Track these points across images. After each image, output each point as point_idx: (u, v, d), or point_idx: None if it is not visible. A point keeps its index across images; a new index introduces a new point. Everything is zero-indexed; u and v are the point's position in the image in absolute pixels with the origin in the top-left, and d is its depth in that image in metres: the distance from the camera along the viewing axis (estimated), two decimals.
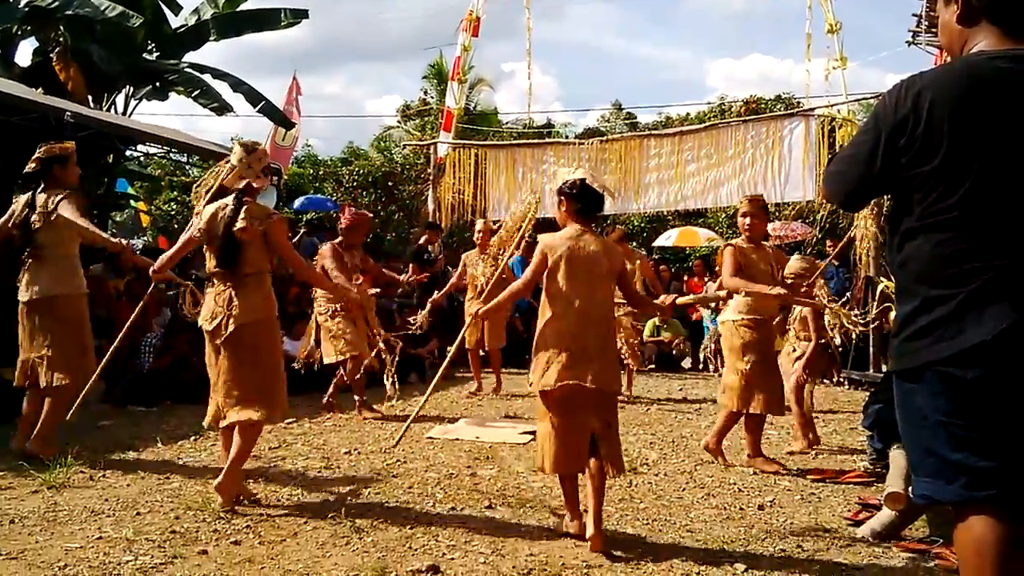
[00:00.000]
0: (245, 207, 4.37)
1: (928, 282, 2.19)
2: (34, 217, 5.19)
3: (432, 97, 24.42)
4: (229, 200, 4.44)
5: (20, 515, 4.08)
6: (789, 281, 5.76)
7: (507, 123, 24.07)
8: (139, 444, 5.86)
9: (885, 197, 2.56)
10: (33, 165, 5.25)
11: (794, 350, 6.52)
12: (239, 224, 4.30)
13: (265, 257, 4.43)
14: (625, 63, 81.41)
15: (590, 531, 3.75)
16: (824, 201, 10.35)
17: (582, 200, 3.95)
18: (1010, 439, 2.08)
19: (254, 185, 4.48)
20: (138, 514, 4.15)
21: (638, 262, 8.71)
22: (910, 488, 3.97)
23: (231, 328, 4.27)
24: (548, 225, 4.31)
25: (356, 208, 8.62)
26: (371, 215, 8.27)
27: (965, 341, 2.10)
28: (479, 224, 9.33)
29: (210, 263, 4.45)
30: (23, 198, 5.31)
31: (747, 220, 5.53)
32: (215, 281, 4.42)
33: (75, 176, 5.43)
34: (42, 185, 5.25)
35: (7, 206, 5.40)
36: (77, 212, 5.18)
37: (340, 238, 7.41)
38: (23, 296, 5.23)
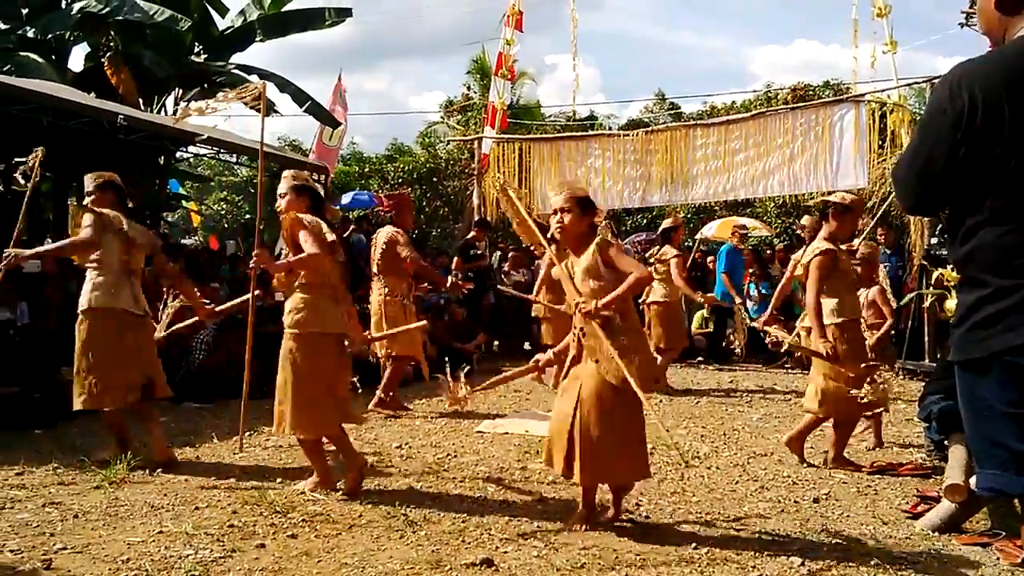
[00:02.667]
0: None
1: (993, 272, 2.14)
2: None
3: (475, 92, 24.46)
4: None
5: (83, 510, 4.18)
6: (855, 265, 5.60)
7: (550, 116, 24.02)
8: (195, 440, 5.96)
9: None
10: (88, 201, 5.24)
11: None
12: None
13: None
14: (666, 52, 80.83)
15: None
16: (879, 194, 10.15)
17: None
18: None
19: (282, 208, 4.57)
20: (196, 509, 4.23)
21: (673, 261, 8.55)
22: (971, 480, 3.91)
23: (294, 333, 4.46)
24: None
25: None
26: (408, 194, 8.22)
27: None
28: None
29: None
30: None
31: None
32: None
33: (107, 201, 5.27)
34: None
35: (63, 206, 5.48)
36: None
37: (394, 225, 7.33)
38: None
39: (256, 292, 5.07)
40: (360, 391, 5.09)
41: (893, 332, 9.02)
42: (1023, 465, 2.10)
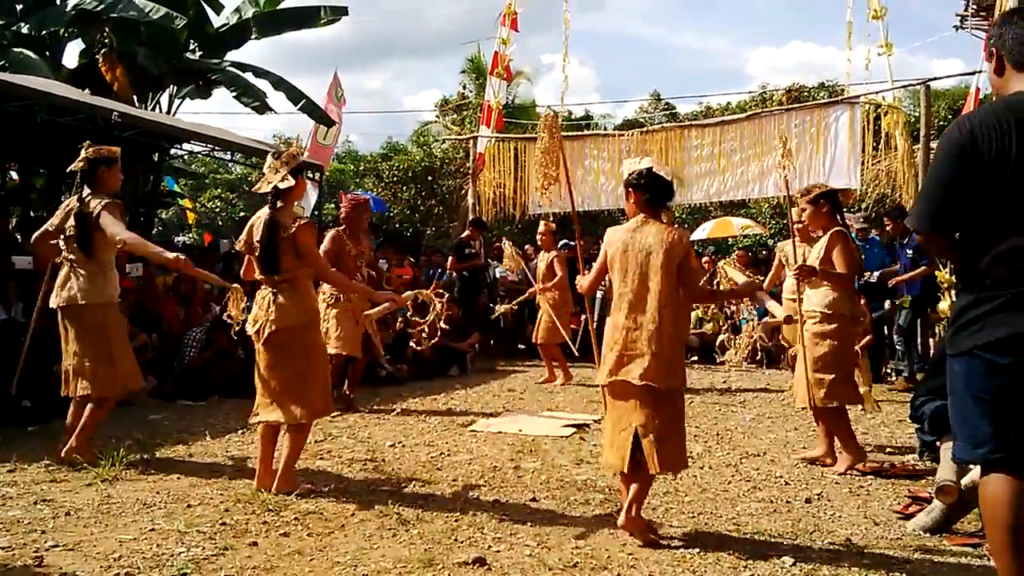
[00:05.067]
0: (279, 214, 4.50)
1: (980, 283, 2.67)
2: (70, 223, 5.09)
3: (471, 92, 24.46)
4: (264, 211, 4.55)
5: (75, 507, 4.17)
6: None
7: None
8: (188, 438, 5.95)
9: None
10: (80, 164, 5.21)
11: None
12: (283, 232, 4.43)
13: (297, 263, 4.50)
14: (663, 53, 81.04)
15: (622, 517, 3.75)
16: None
17: (650, 190, 3.90)
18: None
19: (280, 187, 4.50)
20: (189, 506, 4.22)
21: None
22: (963, 481, 3.93)
23: (266, 333, 4.47)
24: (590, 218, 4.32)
25: (387, 202, 8.69)
26: (367, 199, 8.21)
27: (1002, 332, 2.58)
28: (541, 226, 9.50)
29: (258, 270, 4.60)
30: (70, 202, 5.23)
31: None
32: (261, 287, 4.61)
33: (118, 181, 5.34)
34: (86, 188, 5.15)
35: (56, 203, 5.44)
36: (119, 222, 5.03)
37: (343, 226, 7.34)
38: (55, 302, 5.13)
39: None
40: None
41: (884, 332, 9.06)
42: (982, 442, 2.65)
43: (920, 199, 2.87)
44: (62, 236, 5.15)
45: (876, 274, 9.07)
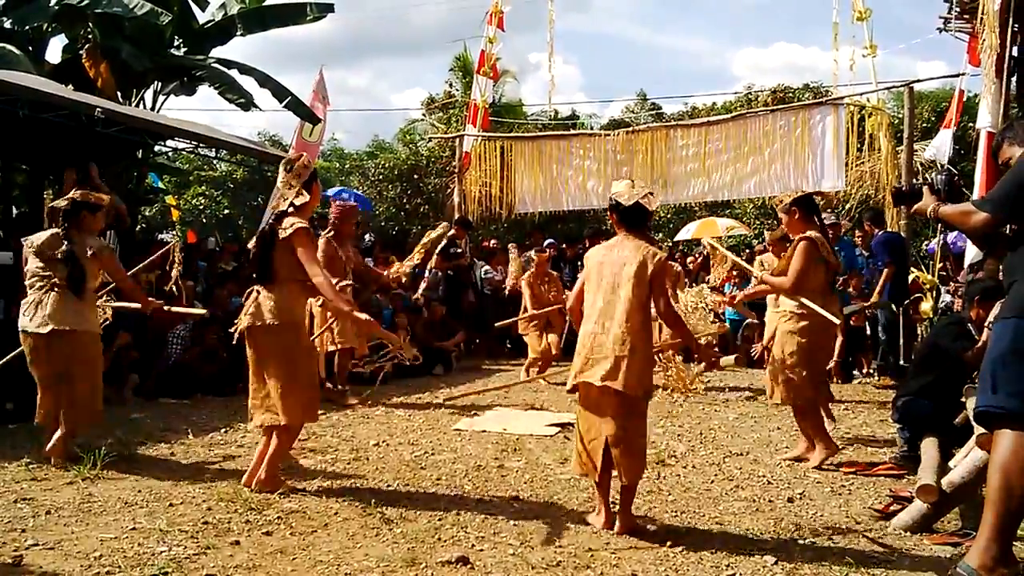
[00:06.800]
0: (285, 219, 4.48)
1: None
2: (63, 248, 5.08)
3: (457, 90, 24.40)
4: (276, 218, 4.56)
5: (56, 506, 4.14)
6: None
7: (532, 115, 24.02)
8: (171, 436, 5.92)
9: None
10: (64, 204, 5.21)
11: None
12: (282, 234, 4.42)
13: (292, 266, 4.45)
14: (649, 53, 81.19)
15: (617, 525, 3.85)
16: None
17: (620, 212, 4.04)
18: None
19: (295, 203, 4.51)
20: (171, 505, 4.20)
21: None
22: (943, 480, 3.97)
23: (243, 327, 4.47)
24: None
25: (372, 201, 8.76)
26: (355, 206, 8.27)
27: None
28: (534, 254, 9.74)
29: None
30: (52, 233, 5.19)
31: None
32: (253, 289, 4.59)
33: (101, 226, 5.43)
34: (65, 225, 5.16)
35: (38, 199, 5.42)
36: (119, 264, 5.21)
37: (332, 231, 7.36)
38: (35, 327, 5.04)
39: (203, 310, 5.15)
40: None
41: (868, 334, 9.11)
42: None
43: (998, 192, 3.33)
44: (39, 257, 5.14)
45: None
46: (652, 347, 4.06)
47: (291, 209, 4.49)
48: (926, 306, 9.90)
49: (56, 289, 5.07)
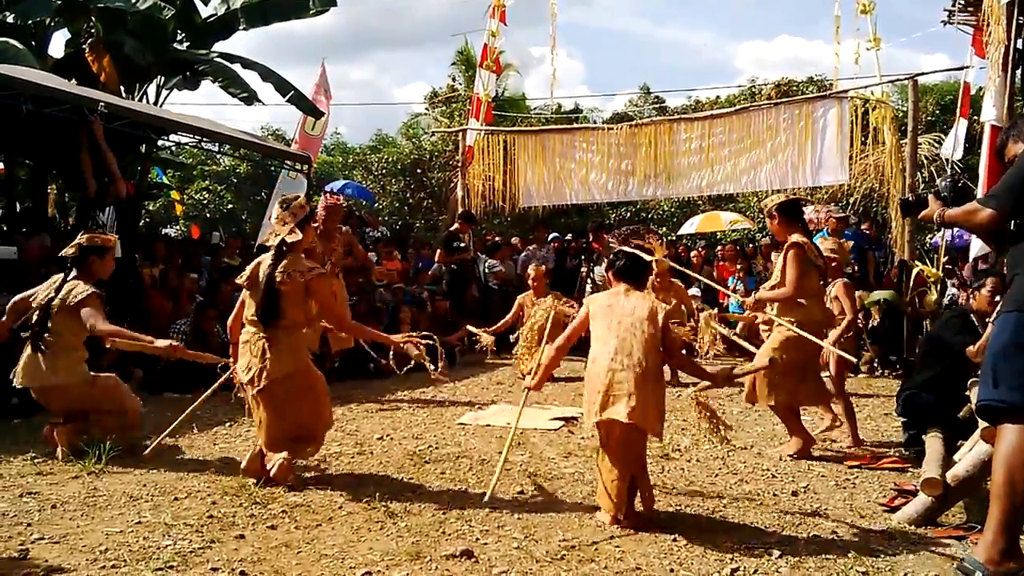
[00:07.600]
0: (285, 261, 4.53)
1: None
2: (56, 301, 5.10)
3: (460, 84, 24.38)
4: (268, 256, 4.60)
5: (61, 500, 4.16)
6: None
7: (535, 109, 24.00)
8: (175, 430, 5.92)
9: None
10: (72, 251, 5.22)
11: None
12: (279, 277, 4.47)
13: (303, 310, 4.55)
14: (651, 46, 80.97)
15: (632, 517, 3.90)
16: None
17: (618, 270, 4.24)
18: None
19: (288, 241, 4.56)
20: (176, 499, 4.21)
21: (673, 301, 8.52)
22: (947, 474, 3.97)
23: (263, 383, 4.45)
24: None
25: (375, 195, 8.78)
26: (341, 206, 8.34)
27: None
28: (531, 270, 9.58)
29: (248, 310, 4.60)
30: (55, 280, 5.26)
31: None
32: (250, 328, 4.58)
33: (109, 270, 5.42)
34: (73, 272, 5.21)
35: (42, 194, 5.42)
36: (100, 314, 5.08)
37: (317, 225, 7.38)
38: (26, 383, 5.13)
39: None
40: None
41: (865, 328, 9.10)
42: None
43: (1002, 187, 3.35)
44: (42, 312, 5.15)
45: None
46: (664, 388, 4.07)
47: (284, 248, 4.56)
48: (932, 298, 9.88)
49: (37, 343, 5.11)
